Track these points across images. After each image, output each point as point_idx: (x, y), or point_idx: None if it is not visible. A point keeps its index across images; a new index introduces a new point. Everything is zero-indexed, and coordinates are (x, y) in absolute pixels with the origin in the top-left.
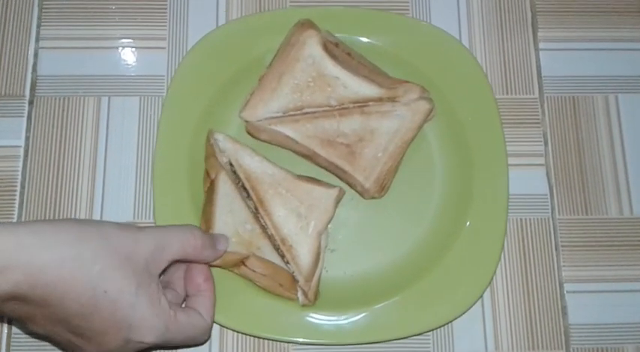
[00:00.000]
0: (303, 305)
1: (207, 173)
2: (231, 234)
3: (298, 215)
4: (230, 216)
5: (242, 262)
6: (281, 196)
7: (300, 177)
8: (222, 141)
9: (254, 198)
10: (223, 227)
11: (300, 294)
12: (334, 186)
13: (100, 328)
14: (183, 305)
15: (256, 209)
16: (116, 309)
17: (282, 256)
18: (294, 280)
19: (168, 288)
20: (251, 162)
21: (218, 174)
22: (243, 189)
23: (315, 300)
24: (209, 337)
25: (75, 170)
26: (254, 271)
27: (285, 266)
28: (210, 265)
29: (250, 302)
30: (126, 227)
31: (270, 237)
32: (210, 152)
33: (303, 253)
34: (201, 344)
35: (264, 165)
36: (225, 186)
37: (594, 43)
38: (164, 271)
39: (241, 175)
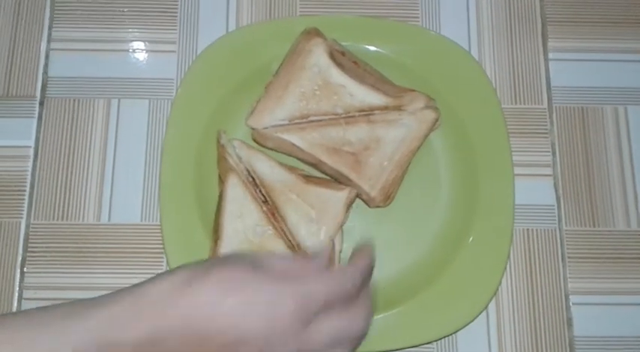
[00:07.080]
0: None
1: (220, 179)
2: (240, 241)
3: (310, 220)
4: (240, 221)
5: None
6: (292, 202)
7: (310, 179)
8: (238, 147)
9: (270, 203)
10: (233, 235)
11: None
12: (344, 188)
13: None
14: None
15: (273, 215)
16: None
17: None
18: None
19: None
20: (263, 168)
21: (227, 178)
22: (260, 193)
23: None
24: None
25: (84, 171)
26: None
27: None
28: None
29: None
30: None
31: (286, 241)
32: (221, 154)
33: None
34: None
35: (274, 171)
36: (234, 191)
37: (604, 54)
38: None
39: (257, 181)
